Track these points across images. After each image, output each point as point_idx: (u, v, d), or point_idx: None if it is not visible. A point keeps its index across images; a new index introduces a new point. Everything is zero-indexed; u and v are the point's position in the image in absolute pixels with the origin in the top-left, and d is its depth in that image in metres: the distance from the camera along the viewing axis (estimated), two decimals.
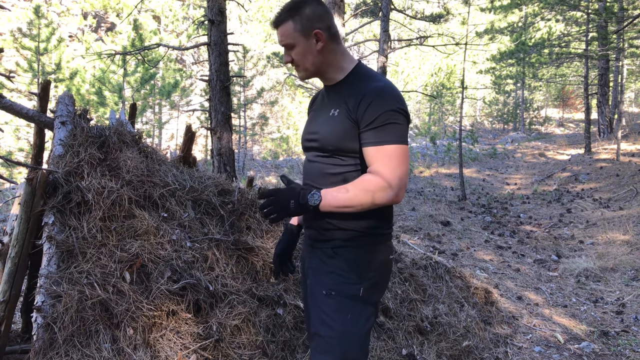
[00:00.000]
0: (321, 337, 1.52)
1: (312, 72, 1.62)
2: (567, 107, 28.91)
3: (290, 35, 1.56)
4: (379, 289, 1.62)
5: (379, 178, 1.45)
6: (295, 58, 1.59)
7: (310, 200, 1.48)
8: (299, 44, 1.56)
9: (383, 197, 1.45)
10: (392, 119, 1.46)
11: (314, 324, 1.56)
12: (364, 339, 1.54)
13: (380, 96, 1.48)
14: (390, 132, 1.46)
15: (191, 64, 27.35)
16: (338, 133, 1.54)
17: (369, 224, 1.56)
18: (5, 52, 16.94)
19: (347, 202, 1.46)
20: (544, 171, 12.71)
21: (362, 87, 1.53)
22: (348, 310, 1.52)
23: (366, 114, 1.47)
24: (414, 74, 25.62)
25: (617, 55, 15.10)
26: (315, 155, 1.63)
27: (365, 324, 1.54)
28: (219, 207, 2.91)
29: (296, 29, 1.55)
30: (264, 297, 2.58)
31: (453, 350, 3.01)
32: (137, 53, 7.50)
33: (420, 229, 6.88)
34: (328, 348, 1.50)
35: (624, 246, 5.77)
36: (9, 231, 2.52)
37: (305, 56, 1.58)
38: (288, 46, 1.59)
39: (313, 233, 1.66)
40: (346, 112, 1.52)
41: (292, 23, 1.56)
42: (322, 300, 1.55)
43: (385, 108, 1.46)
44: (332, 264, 1.57)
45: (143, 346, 2.09)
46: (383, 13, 8.93)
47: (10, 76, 2.97)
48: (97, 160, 2.57)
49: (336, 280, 1.55)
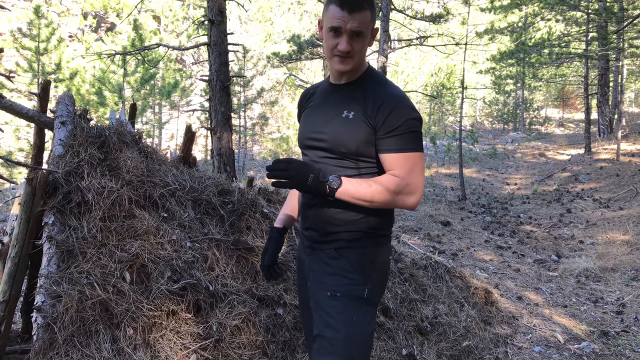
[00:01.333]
0: (325, 339, 1.50)
1: (356, 65, 1.55)
2: (567, 107, 28.90)
3: (367, 25, 1.49)
4: (381, 290, 1.63)
5: (404, 182, 1.46)
6: (355, 48, 1.50)
7: (331, 182, 1.45)
8: (365, 35, 1.51)
9: (405, 202, 1.47)
10: (413, 127, 1.48)
11: (317, 325, 1.54)
12: (368, 341, 1.53)
13: (401, 104, 1.49)
14: (412, 140, 1.48)
15: (191, 64, 27.35)
16: (352, 137, 1.51)
17: (372, 225, 1.56)
18: (5, 52, 16.94)
19: (367, 196, 1.46)
20: (544, 171, 12.71)
21: (380, 92, 1.52)
22: (353, 312, 1.51)
23: (387, 121, 1.47)
24: (414, 74, 25.61)
25: (617, 55, 15.10)
26: (322, 156, 1.58)
27: (369, 326, 1.53)
28: (219, 207, 2.91)
29: (372, 20, 1.51)
30: (264, 297, 2.58)
31: (453, 350, 3.01)
32: (137, 53, 7.51)
33: (420, 229, 6.88)
34: (332, 350, 1.48)
35: (624, 246, 5.77)
36: (9, 231, 2.52)
37: (363, 49, 1.53)
38: (359, 34, 1.48)
39: (313, 234, 1.64)
40: (363, 116, 1.50)
41: (370, 13, 1.49)
42: (326, 302, 1.53)
43: (407, 116, 1.48)
44: (336, 265, 1.56)
45: (143, 346, 2.09)
46: (383, 13, 8.93)
47: (10, 76, 2.97)
48: (97, 160, 2.57)
49: (341, 281, 1.54)
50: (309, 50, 12.26)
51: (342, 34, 1.48)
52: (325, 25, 1.52)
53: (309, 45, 12.27)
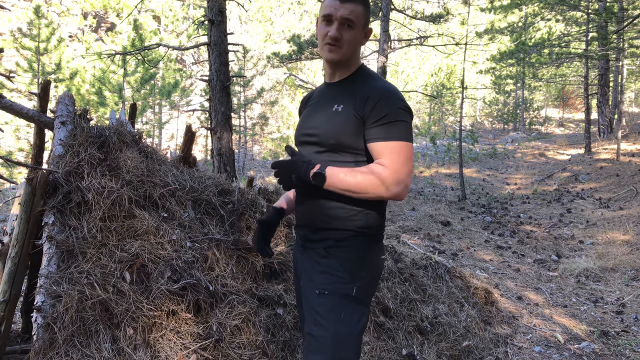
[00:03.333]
0: (313, 337, 1.51)
1: (345, 58, 1.61)
2: (567, 107, 28.92)
3: (358, 16, 1.58)
4: (371, 289, 1.63)
5: (389, 171, 1.47)
6: (345, 37, 1.57)
7: (314, 179, 1.50)
8: (357, 28, 1.59)
9: (391, 190, 1.47)
10: (401, 116, 1.50)
11: (307, 324, 1.56)
12: (356, 339, 1.53)
13: (388, 95, 1.52)
14: (399, 129, 1.49)
15: (191, 64, 27.35)
16: (341, 128, 1.55)
17: (362, 224, 1.57)
18: (5, 52, 16.94)
19: (353, 187, 1.48)
20: (544, 171, 12.71)
21: (369, 85, 1.57)
22: (341, 310, 1.52)
23: (374, 111, 1.50)
24: (414, 74, 25.61)
25: (617, 55, 15.11)
26: (313, 152, 1.62)
27: (357, 324, 1.53)
28: (219, 207, 2.91)
29: (364, 15, 1.60)
30: (264, 297, 2.58)
31: (453, 350, 3.01)
32: (137, 53, 7.51)
33: (420, 229, 6.88)
34: (321, 348, 1.49)
35: (624, 246, 5.77)
36: (9, 231, 2.52)
37: (352, 42, 1.59)
38: (349, 22, 1.56)
39: (305, 233, 1.66)
40: (352, 108, 1.54)
41: (363, 8, 1.59)
42: (315, 300, 1.55)
43: (393, 105, 1.50)
44: (325, 264, 1.57)
45: (143, 346, 2.09)
46: (383, 13, 8.93)
47: (10, 76, 2.97)
48: (97, 160, 2.57)
49: (329, 279, 1.55)
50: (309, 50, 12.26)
51: (333, 22, 1.56)
52: (319, 15, 1.62)
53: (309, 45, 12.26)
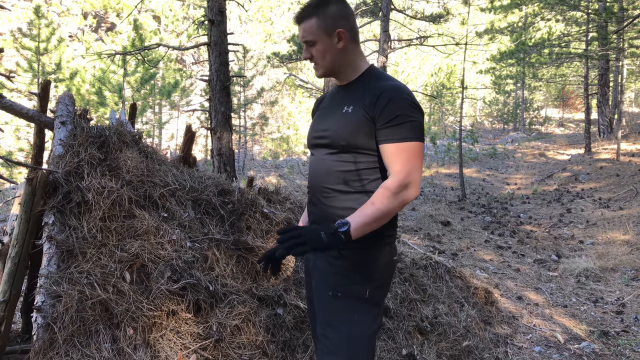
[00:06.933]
0: (327, 339, 1.51)
1: (330, 70, 1.61)
2: (567, 107, 28.91)
3: (313, 32, 1.56)
4: (384, 290, 1.63)
5: (399, 177, 1.44)
6: (315, 55, 1.59)
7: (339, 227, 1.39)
8: (320, 41, 1.57)
9: (408, 196, 1.45)
10: (410, 116, 1.49)
11: (320, 325, 1.56)
12: (370, 341, 1.53)
13: (398, 94, 1.50)
14: (408, 129, 1.48)
15: (191, 64, 27.35)
16: (352, 128, 1.53)
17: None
18: (5, 52, 16.94)
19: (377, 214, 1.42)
20: (544, 171, 12.71)
21: (378, 85, 1.55)
22: (354, 312, 1.51)
23: (384, 112, 1.48)
24: (414, 74, 25.61)
25: (617, 55, 15.09)
26: (325, 153, 1.61)
27: (371, 325, 1.54)
28: (219, 207, 2.91)
29: (320, 26, 1.56)
30: (264, 297, 2.58)
31: (453, 350, 3.01)
32: (137, 53, 7.51)
33: (420, 229, 6.88)
34: (334, 349, 1.49)
35: (624, 246, 5.77)
36: (9, 231, 2.52)
37: (325, 54, 1.58)
38: (309, 43, 1.58)
39: None
40: (362, 109, 1.52)
41: (316, 20, 1.56)
42: (328, 301, 1.54)
43: (402, 105, 1.48)
44: (338, 265, 1.57)
45: (143, 346, 2.08)
46: (383, 13, 8.93)
47: (10, 76, 2.97)
48: (97, 160, 2.57)
49: (342, 281, 1.55)
50: None
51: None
52: None
53: None
